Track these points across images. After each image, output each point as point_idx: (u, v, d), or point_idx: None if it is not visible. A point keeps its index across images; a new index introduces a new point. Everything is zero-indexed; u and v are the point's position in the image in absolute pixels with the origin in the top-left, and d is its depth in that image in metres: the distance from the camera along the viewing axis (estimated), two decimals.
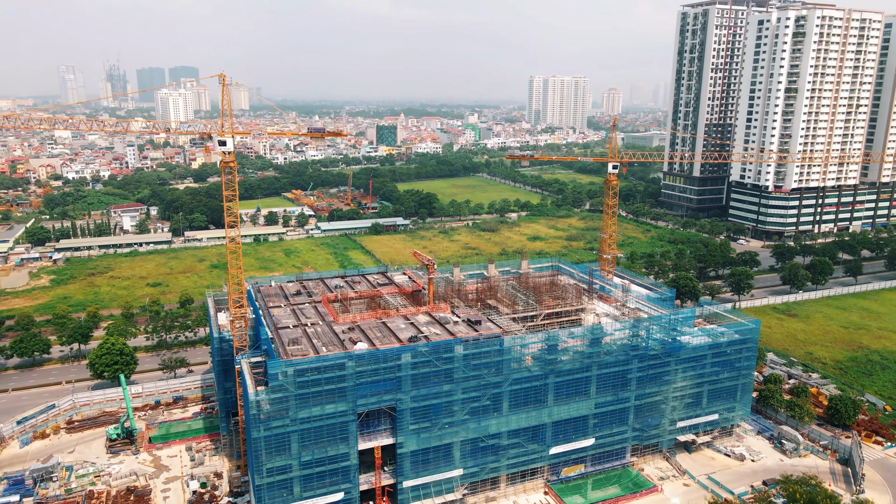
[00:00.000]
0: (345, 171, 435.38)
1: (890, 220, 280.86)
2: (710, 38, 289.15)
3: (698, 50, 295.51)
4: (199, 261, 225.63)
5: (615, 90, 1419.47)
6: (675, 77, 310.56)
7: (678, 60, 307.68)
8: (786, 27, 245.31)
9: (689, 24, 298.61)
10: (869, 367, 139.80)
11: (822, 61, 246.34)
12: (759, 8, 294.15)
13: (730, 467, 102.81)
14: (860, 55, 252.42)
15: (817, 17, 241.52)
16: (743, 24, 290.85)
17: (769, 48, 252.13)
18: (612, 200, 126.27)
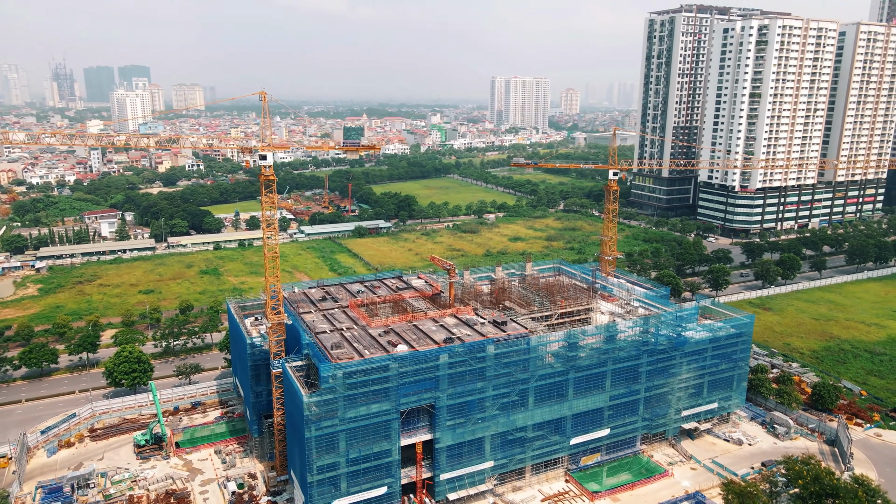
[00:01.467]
0: (318, 174, 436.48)
1: (845, 216, 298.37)
2: (677, 44, 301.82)
3: (665, 55, 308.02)
4: (187, 267, 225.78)
5: (573, 90, 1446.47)
6: (644, 81, 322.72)
7: (646, 65, 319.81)
8: (749, 35, 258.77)
9: (657, 30, 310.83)
10: (842, 356, 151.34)
11: (783, 68, 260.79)
12: (721, 16, 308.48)
13: (730, 451, 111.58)
14: (817, 62, 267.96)
15: (778, 26, 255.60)
16: (707, 31, 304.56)
17: (734, 55, 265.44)
18: (612, 205, 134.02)
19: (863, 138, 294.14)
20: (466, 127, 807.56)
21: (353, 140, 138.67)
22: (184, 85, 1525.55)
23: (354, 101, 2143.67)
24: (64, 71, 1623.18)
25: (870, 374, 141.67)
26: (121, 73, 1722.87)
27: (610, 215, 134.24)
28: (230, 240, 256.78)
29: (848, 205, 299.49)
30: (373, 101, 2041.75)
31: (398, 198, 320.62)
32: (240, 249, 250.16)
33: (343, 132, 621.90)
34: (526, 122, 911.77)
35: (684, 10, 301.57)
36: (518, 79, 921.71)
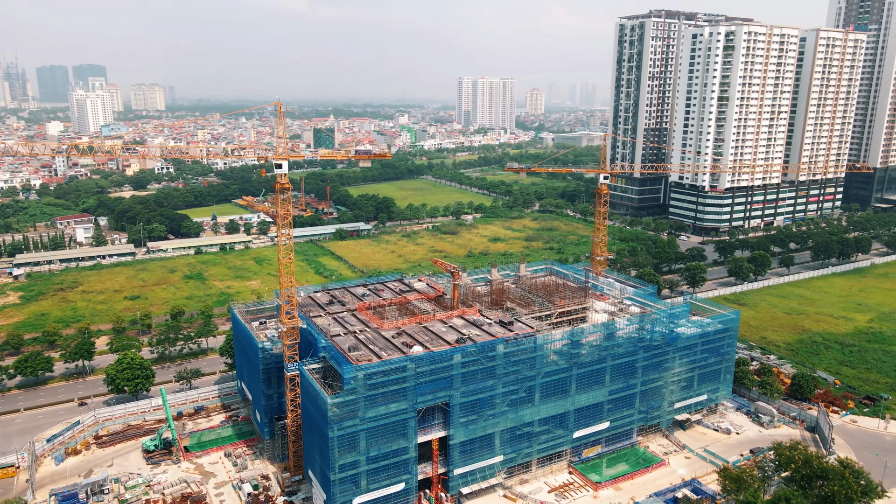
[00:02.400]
0: (291, 176, 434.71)
1: (807, 214, 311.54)
2: (647, 48, 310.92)
3: (636, 59, 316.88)
4: (170, 272, 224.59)
5: (538, 90, 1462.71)
6: (615, 84, 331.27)
7: (617, 69, 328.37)
8: (717, 41, 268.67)
9: (627, 35, 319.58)
10: (814, 348, 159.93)
11: (748, 72, 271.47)
12: (688, 21, 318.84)
13: (719, 440, 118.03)
14: (780, 67, 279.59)
15: (744, 32, 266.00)
16: (675, 36, 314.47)
17: (702, 60, 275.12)
18: (602, 208, 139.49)
19: (822, 139, 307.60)
20: (435, 127, 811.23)
21: (365, 150, 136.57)
22: (143, 85, 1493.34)
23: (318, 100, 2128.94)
24: (16, 70, 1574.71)
25: (841, 364, 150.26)
26: (76, 73, 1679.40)
27: (600, 217, 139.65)
28: (211, 244, 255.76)
29: (810, 203, 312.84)
30: (336, 101, 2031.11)
31: (376, 200, 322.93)
32: (222, 254, 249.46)
33: (313, 134, 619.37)
34: (493, 123, 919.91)
35: (654, 15, 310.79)
36: (485, 79, 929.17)
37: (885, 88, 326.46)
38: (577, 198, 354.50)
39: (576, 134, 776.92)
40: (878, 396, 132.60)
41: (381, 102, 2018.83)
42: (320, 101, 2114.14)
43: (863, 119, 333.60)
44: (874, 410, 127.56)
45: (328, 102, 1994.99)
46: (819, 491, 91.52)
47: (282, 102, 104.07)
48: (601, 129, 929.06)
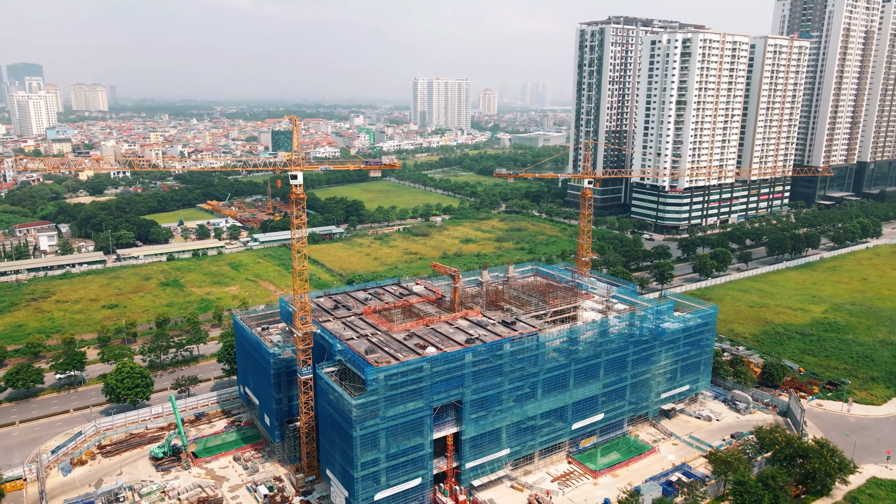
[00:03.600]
0: (254, 179, 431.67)
1: (759, 212, 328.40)
2: (607, 53, 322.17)
3: (597, 64, 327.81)
4: (144, 279, 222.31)
5: (490, 91, 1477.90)
6: (577, 88, 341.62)
7: (578, 73, 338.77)
8: (675, 48, 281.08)
9: (588, 40, 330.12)
10: (778, 338, 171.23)
11: (704, 77, 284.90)
12: (645, 27, 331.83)
13: (702, 427, 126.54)
14: (733, 72, 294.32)
15: (700, 39, 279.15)
16: (634, 42, 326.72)
17: (661, 65, 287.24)
18: (587, 211, 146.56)
19: (771, 140, 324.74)
20: (392, 129, 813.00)
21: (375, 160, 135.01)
22: (84, 85, 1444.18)
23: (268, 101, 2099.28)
24: None
25: (804, 353, 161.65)
26: (9, 72, 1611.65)
27: (585, 220, 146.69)
28: (183, 250, 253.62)
29: (761, 201, 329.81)
30: (287, 102, 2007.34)
31: (345, 203, 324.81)
32: (195, 260, 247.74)
33: (271, 136, 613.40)
34: (449, 123, 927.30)
35: (613, 21, 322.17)
36: (440, 80, 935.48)
37: (826, 92, 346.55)
38: (541, 198, 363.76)
39: (532, 134, 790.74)
40: (840, 381, 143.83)
41: (333, 103, 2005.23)
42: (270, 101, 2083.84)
43: (807, 121, 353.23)
44: (837, 394, 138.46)
45: (278, 103, 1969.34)
46: (800, 469, 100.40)
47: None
48: (555, 129, 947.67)
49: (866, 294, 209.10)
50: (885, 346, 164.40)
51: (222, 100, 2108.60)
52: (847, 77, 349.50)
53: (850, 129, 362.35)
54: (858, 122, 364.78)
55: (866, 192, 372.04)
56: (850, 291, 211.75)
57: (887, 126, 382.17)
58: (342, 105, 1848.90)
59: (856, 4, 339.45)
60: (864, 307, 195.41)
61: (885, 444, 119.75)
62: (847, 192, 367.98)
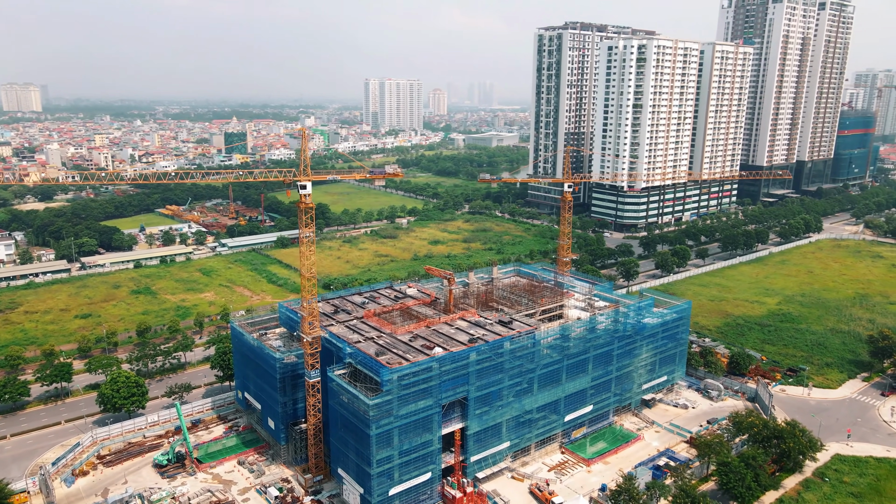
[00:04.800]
0: (213, 183, 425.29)
1: (709, 209, 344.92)
2: (565, 58, 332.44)
3: (555, 68, 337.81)
4: (114, 287, 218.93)
5: (440, 90, 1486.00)
6: (536, 91, 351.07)
7: (537, 76, 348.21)
8: (631, 53, 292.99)
9: (546, 45, 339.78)
10: (739, 330, 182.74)
11: (658, 82, 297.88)
12: (600, 32, 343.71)
13: (680, 415, 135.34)
14: (685, 77, 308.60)
15: (654, 45, 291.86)
16: (590, 46, 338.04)
17: (618, 70, 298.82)
18: (567, 214, 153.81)
19: (720, 141, 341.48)
20: (346, 130, 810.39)
21: (378, 170, 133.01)
22: (16, 84, 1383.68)
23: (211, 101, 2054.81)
24: None
25: (764, 342, 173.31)
26: None
27: (565, 223, 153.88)
28: (150, 257, 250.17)
29: (711, 199, 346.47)
30: (231, 102, 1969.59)
31: None
32: (164, 266, 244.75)
33: (224, 138, 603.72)
34: (402, 124, 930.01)
35: (570, 27, 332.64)
36: (392, 81, 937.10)
37: (768, 96, 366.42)
38: (502, 198, 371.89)
39: (485, 135, 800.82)
40: (799, 368, 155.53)
41: (280, 103, 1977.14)
42: (212, 101, 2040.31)
43: (751, 123, 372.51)
44: (797, 380, 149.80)
45: (222, 103, 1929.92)
46: (776, 448, 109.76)
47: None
48: (506, 129, 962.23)
49: (813, 286, 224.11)
50: (835, 335, 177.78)
51: (163, 99, 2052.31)
52: (787, 81, 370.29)
53: (789, 130, 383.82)
54: (797, 124, 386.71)
55: (805, 190, 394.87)
56: (798, 284, 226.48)
57: (822, 127, 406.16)
58: (289, 105, 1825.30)
59: (794, 13, 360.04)
60: (813, 298, 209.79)
61: (843, 423, 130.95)
62: (788, 189, 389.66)
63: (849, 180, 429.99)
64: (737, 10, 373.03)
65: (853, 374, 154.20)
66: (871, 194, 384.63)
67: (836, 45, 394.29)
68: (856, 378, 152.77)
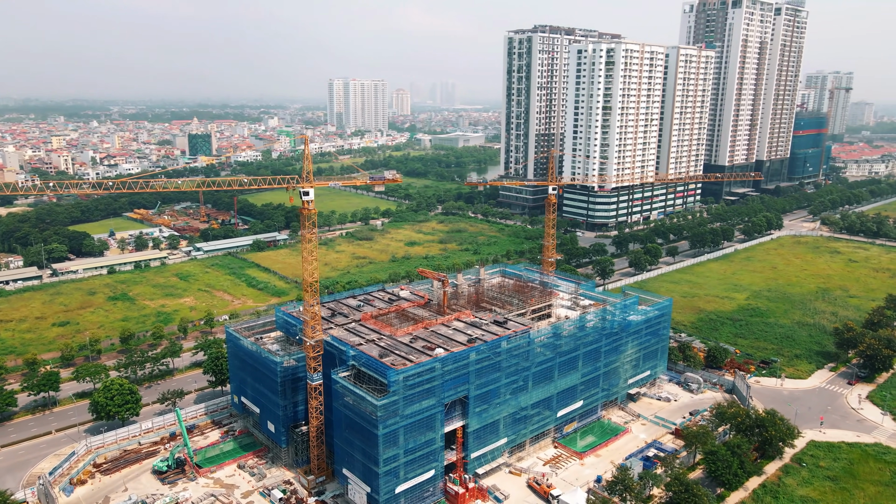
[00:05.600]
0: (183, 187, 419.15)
1: (675, 208, 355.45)
2: (535, 60, 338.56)
3: (525, 70, 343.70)
4: (89, 294, 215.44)
5: (404, 91, 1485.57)
6: (506, 94, 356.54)
7: (508, 79, 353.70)
8: (600, 57, 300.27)
9: (516, 48, 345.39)
10: (712, 325, 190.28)
11: (627, 84, 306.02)
12: (568, 35, 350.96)
13: (664, 407, 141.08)
14: (651, 79, 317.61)
15: (622, 49, 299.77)
16: (559, 49, 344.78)
17: (587, 73, 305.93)
18: (552, 215, 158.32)
19: (685, 142, 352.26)
20: (311, 131, 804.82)
21: (378, 176, 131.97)
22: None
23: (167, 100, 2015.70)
24: None
25: (736, 336, 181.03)
26: None
27: (550, 224, 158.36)
28: (124, 262, 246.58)
29: (677, 198, 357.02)
30: (189, 102, 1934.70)
31: (284, 209, 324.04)
32: (139, 272, 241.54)
33: (188, 140, 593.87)
34: (367, 124, 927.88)
35: (539, 30, 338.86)
36: (357, 81, 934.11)
37: (728, 98, 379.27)
38: (474, 199, 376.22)
39: (451, 135, 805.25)
40: (771, 360, 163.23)
41: (240, 103, 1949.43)
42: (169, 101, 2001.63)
43: (713, 125, 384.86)
44: (770, 371, 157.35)
45: (179, 102, 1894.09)
46: (758, 436, 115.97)
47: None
48: (471, 129, 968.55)
49: (778, 281, 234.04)
50: (802, 328, 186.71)
51: (117, 99, 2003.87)
52: (746, 83, 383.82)
53: (749, 131, 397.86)
54: (756, 125, 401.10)
55: (764, 188, 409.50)
56: (764, 279, 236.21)
57: (779, 128, 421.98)
58: (250, 105, 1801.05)
59: (752, 17, 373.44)
60: (779, 293, 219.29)
61: (815, 412, 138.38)
62: (748, 188, 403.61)
63: (804, 178, 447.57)
64: (698, 14, 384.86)
65: (821, 365, 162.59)
66: (826, 192, 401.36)
67: (790, 49, 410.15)
68: (823, 368, 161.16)
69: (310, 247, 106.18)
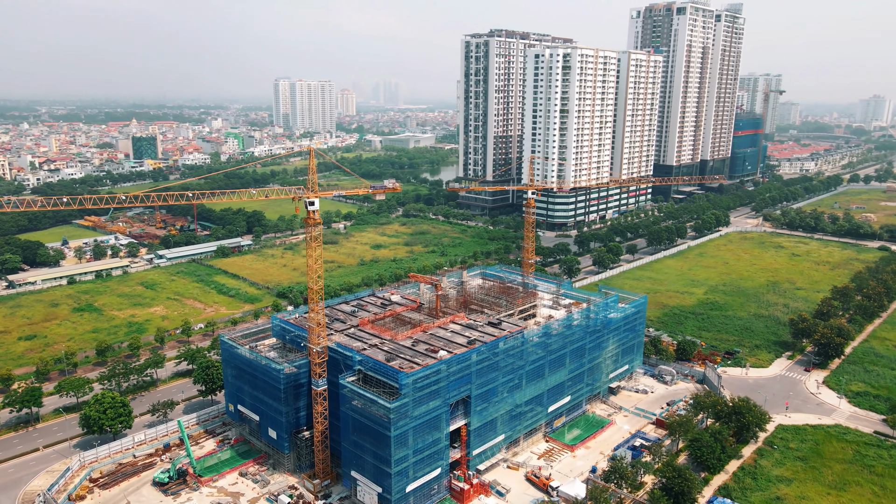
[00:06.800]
0: (123, 190, 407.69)
1: (629, 207, 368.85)
2: (492, 64, 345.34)
3: (483, 74, 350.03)
4: (52, 306, 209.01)
5: (349, 91, 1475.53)
6: (465, 97, 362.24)
7: (465, 82, 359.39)
8: (557, 61, 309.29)
9: (473, 51, 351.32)
10: (676, 319, 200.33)
11: (583, 88, 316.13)
12: (523, 40, 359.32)
13: (642, 399, 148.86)
14: (605, 83, 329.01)
15: (578, 54, 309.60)
16: (515, 53, 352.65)
17: (545, 77, 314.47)
18: (531, 218, 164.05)
19: (636, 143, 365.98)
20: (259, 132, 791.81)
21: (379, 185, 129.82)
22: None
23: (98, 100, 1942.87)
24: None
25: (700, 329, 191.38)
26: None
27: (529, 227, 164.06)
28: (85, 272, 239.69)
29: (630, 197, 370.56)
30: (122, 102, 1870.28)
31: (245, 213, 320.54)
32: (101, 281, 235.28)
33: (132, 143, 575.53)
34: (314, 126, 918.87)
35: (496, 34, 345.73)
36: (304, 82, 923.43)
37: (675, 101, 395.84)
38: (434, 201, 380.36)
39: (402, 136, 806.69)
40: (734, 351, 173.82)
41: (176, 103, 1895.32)
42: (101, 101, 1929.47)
43: (661, 126, 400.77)
44: (735, 362, 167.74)
45: (112, 102, 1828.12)
46: (735, 423, 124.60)
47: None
48: (419, 129, 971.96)
49: (731, 276, 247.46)
50: (758, 319, 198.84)
51: (44, 99, 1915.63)
52: (691, 87, 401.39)
53: (694, 132, 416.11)
54: (700, 126, 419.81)
55: (708, 187, 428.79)
56: (718, 274, 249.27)
57: (721, 129, 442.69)
58: (188, 106, 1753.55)
59: (695, 24, 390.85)
60: (733, 287, 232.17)
61: (780, 397, 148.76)
62: (694, 187, 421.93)
63: (744, 177, 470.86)
64: (645, 20, 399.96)
65: (779, 354, 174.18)
66: (765, 189, 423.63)
67: (730, 53, 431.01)
68: (782, 357, 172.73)
69: (315, 255, 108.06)
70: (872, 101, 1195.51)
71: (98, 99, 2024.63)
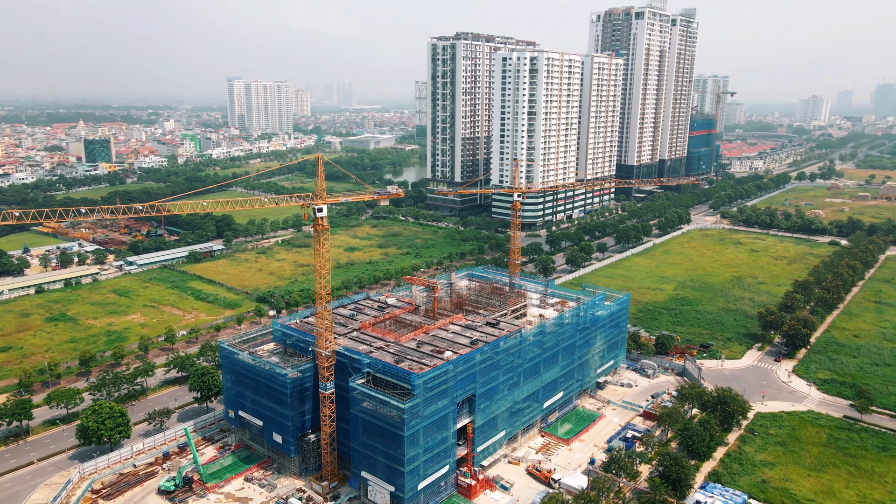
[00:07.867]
0: (74, 196, 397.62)
1: (594, 206, 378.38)
2: (459, 66, 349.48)
3: (450, 76, 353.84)
4: (23, 316, 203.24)
5: (303, 91, 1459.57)
6: (432, 98, 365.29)
7: (433, 84, 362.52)
8: (524, 64, 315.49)
9: (440, 54, 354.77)
10: (651, 314, 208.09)
11: (549, 90, 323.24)
12: (488, 42, 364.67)
13: (628, 392, 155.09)
14: (570, 86, 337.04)
15: (545, 57, 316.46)
16: (481, 56, 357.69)
17: (513, 80, 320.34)
18: (517, 220, 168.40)
19: (600, 144, 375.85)
20: (216, 134, 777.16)
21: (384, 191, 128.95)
22: None
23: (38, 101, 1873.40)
24: None
25: (674, 324, 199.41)
26: None
27: (515, 228, 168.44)
28: (53, 280, 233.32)
29: (595, 197, 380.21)
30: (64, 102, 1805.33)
31: (214, 218, 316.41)
32: (70, 290, 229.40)
33: (84, 146, 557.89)
34: (271, 127, 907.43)
35: (462, 37, 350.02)
36: (259, 83, 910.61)
37: (635, 103, 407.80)
38: (402, 202, 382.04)
39: (361, 137, 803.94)
40: (708, 344, 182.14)
41: (123, 103, 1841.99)
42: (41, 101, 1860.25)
43: (622, 128, 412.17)
44: (710, 354, 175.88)
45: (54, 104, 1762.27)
46: (721, 412, 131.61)
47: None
48: (377, 130, 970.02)
49: (697, 272, 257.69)
50: (727, 313, 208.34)
51: None
52: (649, 89, 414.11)
53: (653, 132, 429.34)
54: (659, 127, 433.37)
55: (667, 186, 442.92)
56: (685, 271, 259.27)
57: (678, 129, 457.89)
58: (135, 106, 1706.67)
59: (652, 28, 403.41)
60: (701, 283, 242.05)
61: (755, 387, 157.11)
62: (654, 186, 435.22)
63: (699, 175, 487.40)
64: (605, 24, 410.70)
65: (750, 346, 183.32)
66: (721, 188, 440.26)
67: (685, 56, 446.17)
68: (752, 349, 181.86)
69: (322, 260, 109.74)
70: (811, 101, 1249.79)
71: (39, 100, 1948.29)
